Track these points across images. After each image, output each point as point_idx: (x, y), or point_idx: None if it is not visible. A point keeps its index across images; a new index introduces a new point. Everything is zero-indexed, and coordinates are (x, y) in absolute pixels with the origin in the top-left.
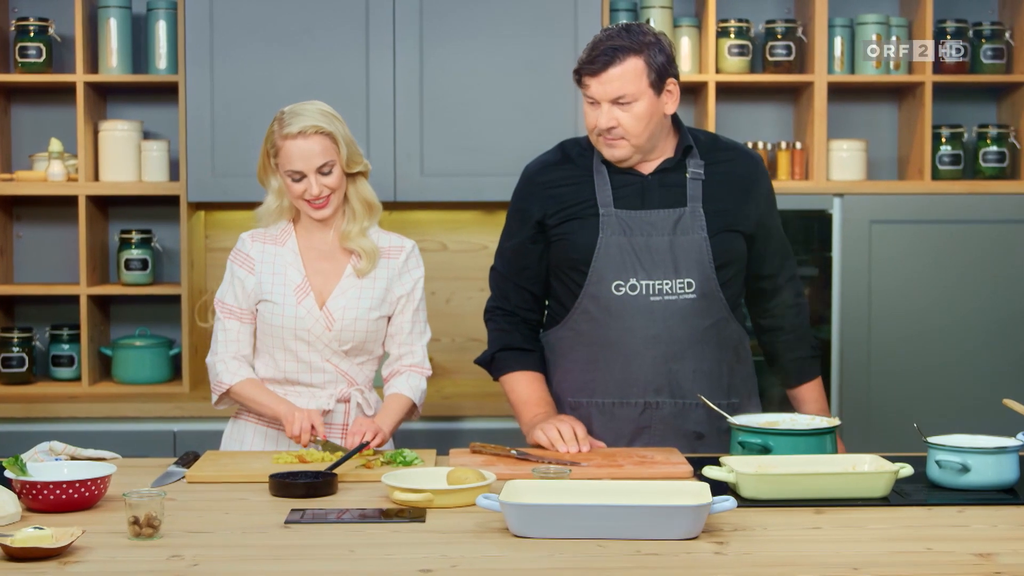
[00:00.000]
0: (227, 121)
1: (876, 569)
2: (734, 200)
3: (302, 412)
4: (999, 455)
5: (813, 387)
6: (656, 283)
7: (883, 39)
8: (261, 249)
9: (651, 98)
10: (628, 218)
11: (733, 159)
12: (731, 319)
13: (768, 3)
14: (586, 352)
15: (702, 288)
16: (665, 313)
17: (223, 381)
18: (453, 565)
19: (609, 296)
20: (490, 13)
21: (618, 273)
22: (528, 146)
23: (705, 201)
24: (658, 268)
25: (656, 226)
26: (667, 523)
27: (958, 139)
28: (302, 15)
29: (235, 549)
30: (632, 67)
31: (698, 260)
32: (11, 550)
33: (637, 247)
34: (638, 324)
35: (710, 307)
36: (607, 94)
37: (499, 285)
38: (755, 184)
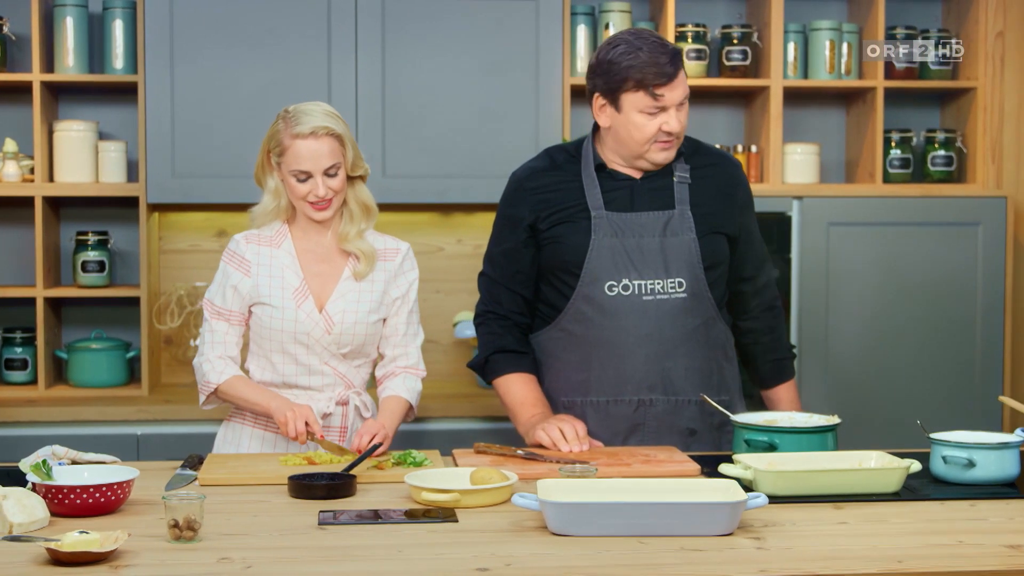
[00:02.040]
0: (188, 122)
1: (918, 562)
2: (719, 203)
3: (294, 411)
4: (1002, 450)
5: (787, 388)
6: (648, 283)
7: (836, 45)
8: (256, 251)
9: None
10: (619, 220)
11: (715, 163)
12: (718, 318)
13: (720, 8)
14: (579, 352)
15: (692, 287)
16: (657, 312)
17: (210, 380)
18: (507, 564)
19: (602, 296)
20: (452, 17)
21: (611, 274)
22: (489, 149)
23: (692, 204)
24: (649, 268)
25: (646, 227)
26: (706, 519)
27: (907, 143)
28: (264, 16)
29: (282, 551)
30: (684, 73)
31: (688, 260)
32: (60, 554)
33: (629, 248)
34: (631, 323)
35: (699, 306)
36: (676, 98)
37: (490, 290)
38: (736, 188)
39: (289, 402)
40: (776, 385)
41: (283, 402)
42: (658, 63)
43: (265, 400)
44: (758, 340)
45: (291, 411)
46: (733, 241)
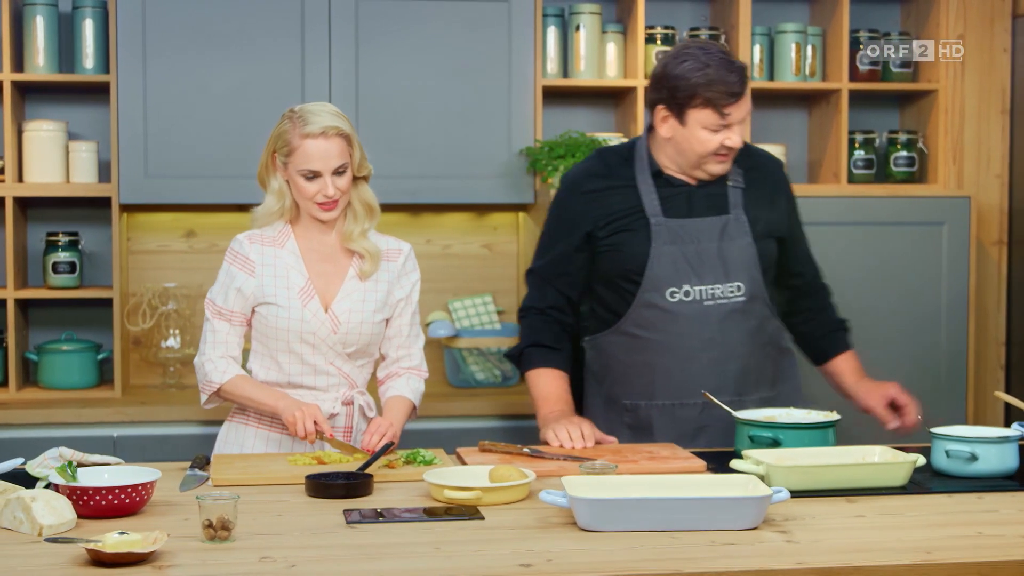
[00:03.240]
0: (160, 122)
1: (946, 553)
2: (769, 207)
3: (303, 410)
4: (1003, 444)
5: (848, 358)
6: (708, 288)
7: (801, 48)
8: (260, 251)
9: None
10: (677, 226)
11: (762, 166)
12: (772, 315)
13: (686, 11)
14: (642, 356)
15: (750, 290)
16: (718, 316)
17: (213, 380)
18: (548, 560)
19: (664, 302)
20: (425, 18)
21: (672, 280)
22: (461, 150)
23: (745, 208)
24: (709, 273)
25: (704, 233)
26: (734, 514)
27: (871, 144)
28: (237, 17)
29: (320, 550)
30: (749, 89)
31: (745, 264)
32: (103, 555)
33: (688, 254)
34: (693, 328)
35: (756, 308)
36: (741, 116)
37: (537, 287)
38: (783, 189)
39: (297, 401)
40: (836, 356)
41: (291, 401)
42: (727, 82)
43: (272, 399)
44: (812, 318)
45: (299, 410)
46: (782, 241)
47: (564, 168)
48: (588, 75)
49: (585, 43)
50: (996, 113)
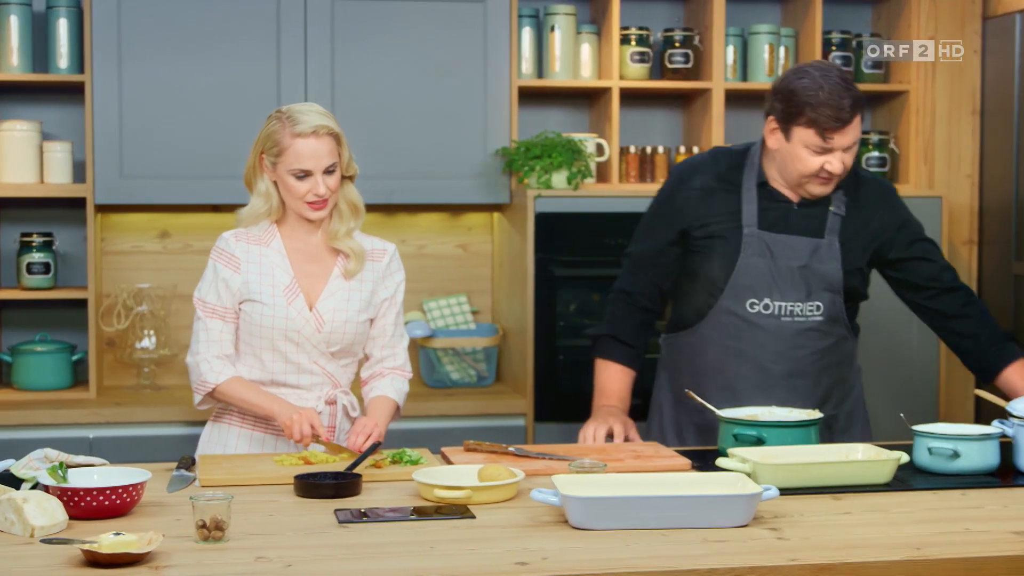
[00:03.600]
0: (136, 123)
1: (937, 549)
2: (868, 239)
3: (299, 414)
4: (985, 441)
5: (1020, 367)
6: (788, 304)
7: (774, 49)
8: (246, 249)
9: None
10: (770, 240)
11: (869, 195)
12: (849, 336)
13: (659, 12)
14: (716, 360)
15: (829, 311)
16: (793, 332)
17: (208, 380)
18: (544, 558)
19: (744, 312)
20: (401, 17)
21: (754, 292)
22: (437, 150)
23: (842, 236)
24: (791, 290)
25: (796, 251)
26: (726, 511)
27: None
28: (213, 17)
29: (315, 550)
30: (859, 119)
31: (829, 287)
32: (99, 556)
33: (774, 269)
34: (768, 341)
35: (833, 328)
36: (845, 143)
37: (631, 271)
38: (891, 219)
39: (292, 405)
40: (1007, 366)
41: (286, 405)
42: (836, 106)
43: (268, 403)
44: (975, 333)
45: (297, 414)
46: (885, 267)
47: (541, 168)
48: (563, 76)
49: (560, 44)
50: (966, 114)
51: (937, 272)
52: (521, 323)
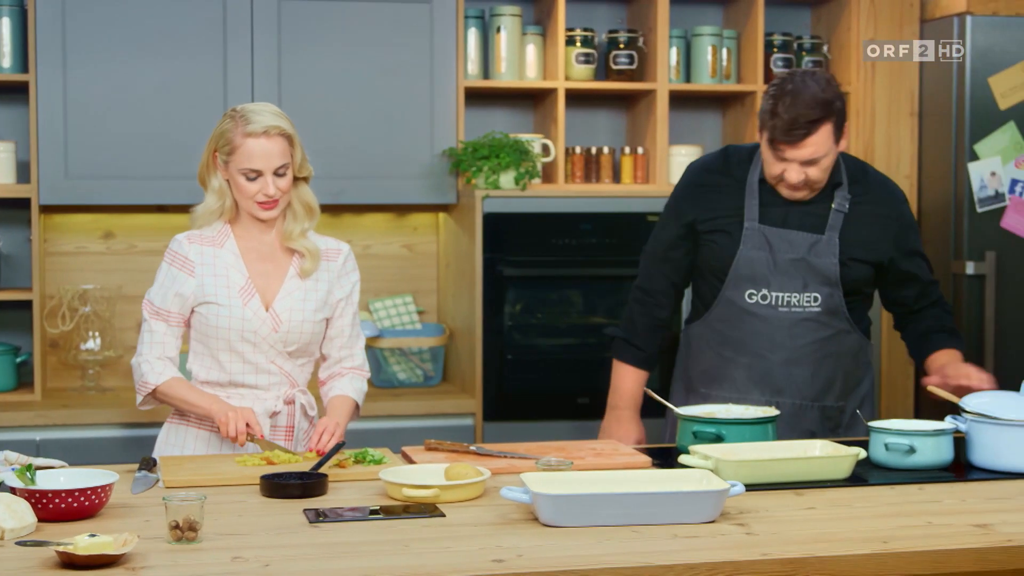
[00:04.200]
0: (81, 123)
1: (903, 542)
2: (871, 235)
3: (235, 412)
4: (939, 437)
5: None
6: (785, 295)
7: (717, 50)
8: (199, 251)
9: (834, 150)
10: (769, 234)
11: (877, 195)
12: (852, 330)
13: (602, 13)
14: (718, 349)
15: (827, 304)
16: (790, 322)
17: (148, 381)
18: (519, 555)
19: (743, 302)
20: (348, 18)
21: (752, 283)
22: (385, 151)
23: (844, 232)
24: (789, 283)
25: (794, 245)
26: (694, 507)
27: None
28: (159, 17)
29: (290, 549)
30: (826, 131)
31: (826, 282)
32: (76, 558)
33: (772, 262)
34: (765, 330)
35: (832, 320)
36: (801, 157)
37: (646, 267)
38: (894, 221)
39: (229, 404)
40: (936, 350)
41: (223, 404)
42: (790, 121)
43: (206, 402)
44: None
45: (232, 412)
46: (882, 267)
47: (489, 169)
48: (509, 76)
49: (506, 45)
50: (905, 115)
51: (918, 292)
52: (468, 323)
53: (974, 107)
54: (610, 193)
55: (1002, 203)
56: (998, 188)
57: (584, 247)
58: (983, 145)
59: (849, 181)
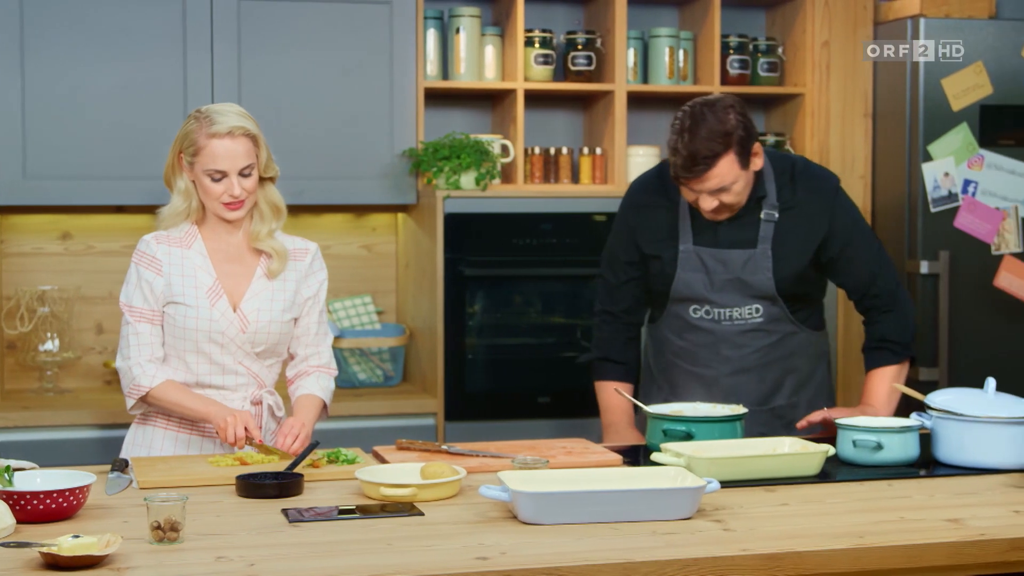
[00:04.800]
0: (39, 123)
1: (878, 537)
2: (804, 239)
3: (234, 417)
4: (906, 433)
5: (873, 375)
6: (727, 310)
7: (674, 52)
8: (167, 251)
9: (745, 174)
10: (704, 255)
11: (807, 201)
12: (799, 330)
13: (559, 15)
14: (670, 357)
15: (769, 312)
16: (734, 333)
17: (142, 385)
18: (502, 552)
19: (687, 316)
20: (308, 19)
21: (694, 300)
22: (344, 151)
23: (777, 242)
24: (729, 299)
25: (727, 265)
26: (672, 504)
27: None
28: (118, 16)
29: (272, 548)
30: (724, 165)
31: (765, 293)
32: (60, 559)
33: (709, 282)
34: (710, 342)
35: (777, 326)
36: (706, 189)
37: (607, 291)
38: (829, 220)
39: (227, 408)
40: (868, 370)
41: (220, 407)
42: (689, 159)
43: (203, 406)
44: (866, 332)
45: (231, 416)
46: (826, 264)
47: (450, 169)
48: (468, 77)
49: (465, 46)
50: (859, 117)
51: (861, 283)
52: (429, 323)
53: (928, 108)
54: (570, 193)
55: (955, 203)
56: (951, 188)
57: (544, 247)
58: (936, 146)
59: (778, 187)
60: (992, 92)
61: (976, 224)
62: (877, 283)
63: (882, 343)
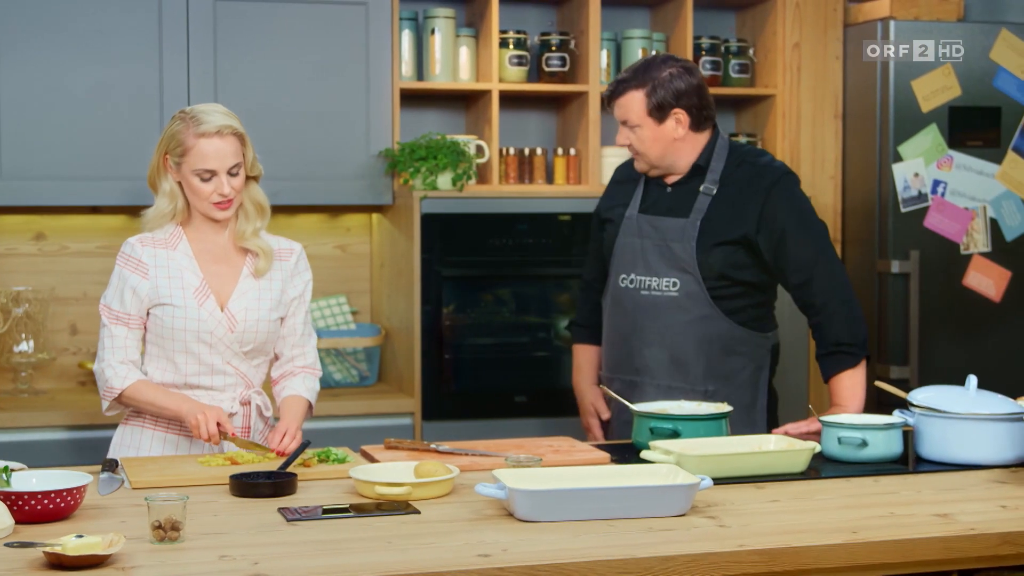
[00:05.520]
0: (14, 123)
1: (872, 532)
2: (736, 216)
3: (204, 413)
4: (890, 430)
5: (836, 380)
6: (647, 279)
7: (647, 53)
8: (152, 253)
9: (652, 125)
10: (643, 222)
11: (748, 176)
12: (718, 316)
13: (532, 16)
14: (607, 332)
15: (686, 288)
16: (650, 304)
17: (114, 386)
18: (504, 550)
19: (616, 286)
20: (283, 19)
21: (624, 268)
22: (320, 151)
23: (709, 215)
24: (652, 268)
25: (661, 231)
26: (667, 501)
27: None
28: (94, 16)
29: (274, 547)
30: (631, 99)
31: (685, 265)
32: (65, 558)
33: (640, 248)
34: (627, 311)
35: (692, 305)
36: (618, 117)
37: (588, 257)
38: (766, 202)
39: (199, 404)
40: (827, 378)
41: (193, 404)
42: (610, 84)
43: (175, 403)
44: (815, 335)
45: (202, 413)
46: (755, 250)
47: (427, 169)
48: (443, 78)
49: (440, 47)
50: (830, 118)
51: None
52: (405, 323)
53: (898, 110)
54: (545, 194)
55: (925, 203)
56: (921, 189)
57: (520, 247)
58: (906, 147)
59: (725, 167)
60: (960, 94)
61: (945, 224)
62: (814, 281)
63: (837, 347)
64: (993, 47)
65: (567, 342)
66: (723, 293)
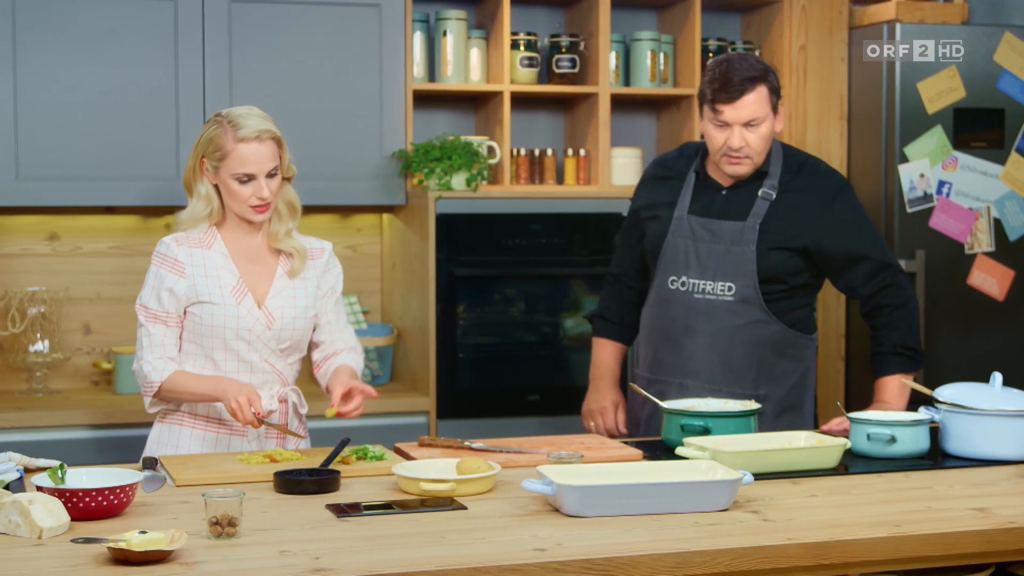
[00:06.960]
0: (32, 124)
1: (913, 526)
2: (797, 222)
3: (238, 400)
4: (917, 427)
5: (886, 382)
6: (701, 283)
7: (655, 55)
8: (188, 252)
9: (771, 119)
10: (695, 223)
11: (809, 186)
12: (771, 320)
13: (540, 18)
14: (649, 333)
15: (741, 293)
16: (704, 308)
17: (152, 380)
18: (558, 544)
19: (665, 288)
20: (298, 21)
21: (674, 270)
22: (334, 153)
23: (768, 219)
24: (707, 271)
25: (716, 234)
26: (711, 496)
27: None
28: (110, 18)
29: (331, 542)
30: (760, 94)
31: (742, 270)
32: (131, 554)
33: (696, 251)
34: (681, 315)
35: (746, 309)
36: (740, 118)
37: (618, 251)
38: (826, 210)
39: (235, 385)
40: (878, 377)
41: (229, 386)
42: (724, 80)
43: (212, 387)
44: (873, 335)
45: (236, 400)
46: (811, 256)
47: (441, 170)
48: (455, 79)
49: (452, 48)
50: (835, 119)
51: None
52: (419, 322)
53: (903, 111)
54: (556, 194)
55: (931, 203)
56: (926, 189)
57: (533, 247)
58: (912, 148)
59: (783, 171)
60: (965, 95)
61: (950, 224)
62: (885, 289)
63: (904, 349)
64: (996, 50)
65: (576, 341)
66: (775, 296)
